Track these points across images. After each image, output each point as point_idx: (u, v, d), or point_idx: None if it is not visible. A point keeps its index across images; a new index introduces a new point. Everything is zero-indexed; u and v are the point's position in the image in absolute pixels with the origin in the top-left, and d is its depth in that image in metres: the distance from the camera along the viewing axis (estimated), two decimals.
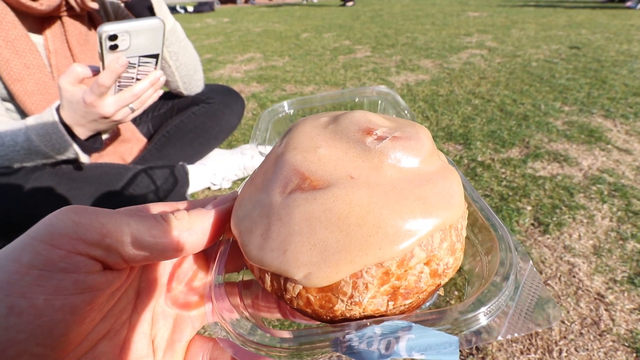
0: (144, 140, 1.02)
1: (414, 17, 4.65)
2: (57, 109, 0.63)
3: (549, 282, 0.77)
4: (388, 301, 0.15)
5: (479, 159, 1.24)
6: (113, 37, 0.51)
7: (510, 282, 0.16)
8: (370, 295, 0.15)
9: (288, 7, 7.13)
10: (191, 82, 0.97)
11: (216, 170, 1.04)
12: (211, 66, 2.74)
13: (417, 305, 0.17)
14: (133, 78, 0.59)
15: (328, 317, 0.16)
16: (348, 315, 0.15)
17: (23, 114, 0.79)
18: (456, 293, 0.74)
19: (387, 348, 0.13)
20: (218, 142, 1.10)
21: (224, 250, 0.19)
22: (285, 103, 0.42)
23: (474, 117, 1.58)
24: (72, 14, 0.77)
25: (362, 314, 0.15)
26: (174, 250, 0.17)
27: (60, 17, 0.77)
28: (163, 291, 0.20)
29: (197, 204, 0.21)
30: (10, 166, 0.70)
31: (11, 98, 0.75)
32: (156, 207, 0.20)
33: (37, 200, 0.71)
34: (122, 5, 0.81)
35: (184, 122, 1.01)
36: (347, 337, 0.14)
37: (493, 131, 1.43)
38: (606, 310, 0.70)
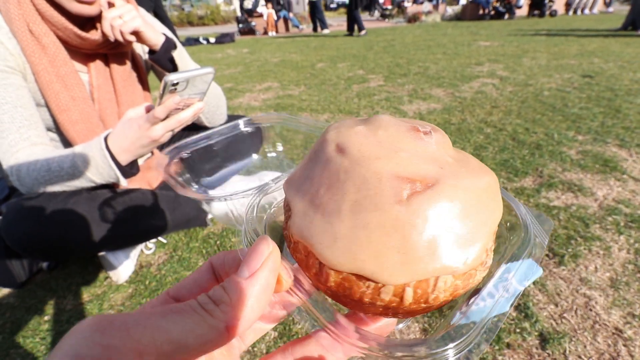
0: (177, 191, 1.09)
1: (426, 47, 4.79)
2: (105, 139, 0.70)
3: (564, 315, 0.76)
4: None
5: None
6: (175, 84, 0.60)
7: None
8: (492, 256, 0.18)
9: (304, 38, 7.46)
10: (214, 116, 1.05)
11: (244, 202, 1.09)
12: (231, 95, 2.88)
13: None
14: (180, 108, 0.67)
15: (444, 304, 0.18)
16: (477, 282, 0.18)
17: (65, 144, 0.87)
18: None
19: (506, 291, 0.17)
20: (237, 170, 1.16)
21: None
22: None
23: (486, 146, 1.60)
24: (117, 52, 0.86)
25: (484, 275, 0.18)
26: (222, 342, 0.15)
27: (106, 56, 0.86)
28: None
29: (225, 258, 0.20)
30: (52, 191, 0.76)
31: (56, 128, 0.83)
32: (184, 288, 0.18)
33: (74, 224, 0.77)
34: (146, 56, 0.90)
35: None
36: (471, 302, 0.17)
37: (506, 160, 1.45)
38: (625, 345, 0.69)
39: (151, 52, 0.85)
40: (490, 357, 0.68)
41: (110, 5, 0.76)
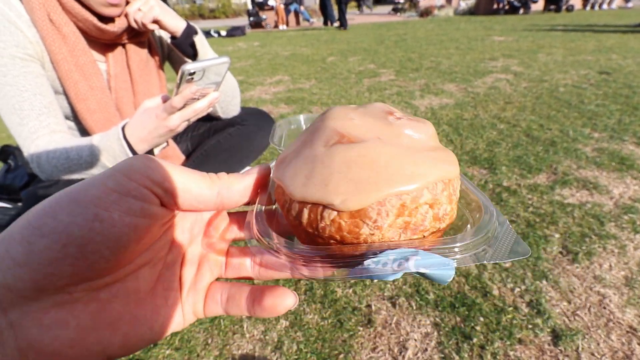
0: (182, 157, 1.10)
1: (438, 41, 4.72)
2: (122, 128, 0.71)
3: (577, 312, 0.76)
4: (401, 233, 0.20)
5: (505, 184, 1.24)
6: (192, 73, 0.60)
7: (493, 221, 0.21)
8: (389, 222, 0.19)
9: (315, 32, 7.42)
10: (229, 107, 1.05)
11: None
12: (242, 88, 2.89)
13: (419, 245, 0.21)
14: (196, 97, 0.68)
15: (356, 245, 0.20)
16: (369, 240, 0.20)
17: (83, 132, 0.88)
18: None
19: (398, 266, 0.18)
20: (250, 160, 1.16)
21: (260, 209, 0.24)
22: (301, 117, 0.50)
23: (499, 142, 1.58)
24: (135, 41, 0.87)
25: (381, 239, 0.19)
26: (213, 203, 0.21)
27: (123, 45, 0.87)
28: (193, 241, 0.24)
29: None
30: (69, 178, 0.78)
31: (74, 116, 0.85)
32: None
33: None
34: (169, 41, 0.91)
35: (220, 142, 1.08)
36: (366, 262, 0.18)
37: (519, 156, 1.43)
38: (639, 344, 0.68)
39: (172, 37, 0.86)
40: (502, 353, 0.68)
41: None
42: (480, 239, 0.19)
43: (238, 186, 0.22)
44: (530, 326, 0.73)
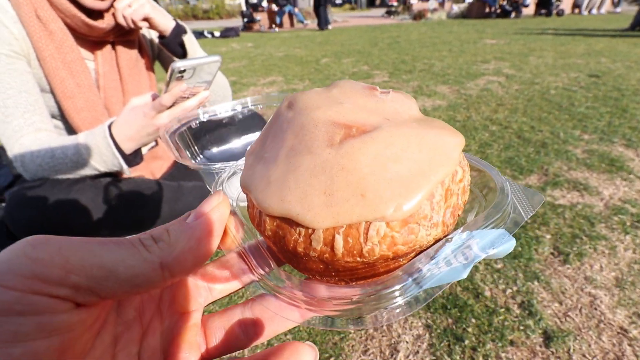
0: (173, 157, 1.08)
1: (431, 44, 4.75)
2: (109, 127, 0.69)
3: (569, 313, 0.76)
4: (450, 217, 0.17)
5: None
6: (182, 71, 0.59)
7: (508, 187, 0.20)
8: (442, 213, 0.16)
9: (309, 33, 7.42)
10: None
11: (238, 185, 1.09)
12: (235, 88, 2.87)
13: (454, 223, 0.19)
14: (185, 96, 0.67)
15: (406, 254, 0.16)
16: (425, 243, 0.16)
17: (70, 131, 0.86)
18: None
19: (466, 258, 0.15)
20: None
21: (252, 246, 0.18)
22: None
23: (491, 143, 1.59)
24: (124, 39, 0.86)
25: (437, 236, 0.16)
26: (157, 281, 0.15)
27: (113, 44, 0.85)
28: (151, 326, 0.18)
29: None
30: (55, 178, 0.76)
31: (61, 115, 0.83)
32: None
33: (78, 211, 0.77)
34: (157, 40, 0.89)
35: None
36: (425, 268, 0.15)
37: (511, 157, 1.44)
38: (630, 345, 0.68)
39: (161, 37, 0.84)
40: (494, 354, 0.68)
41: None
42: (508, 205, 0.18)
43: (187, 244, 0.16)
44: (522, 327, 0.73)
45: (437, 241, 0.17)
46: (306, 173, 0.16)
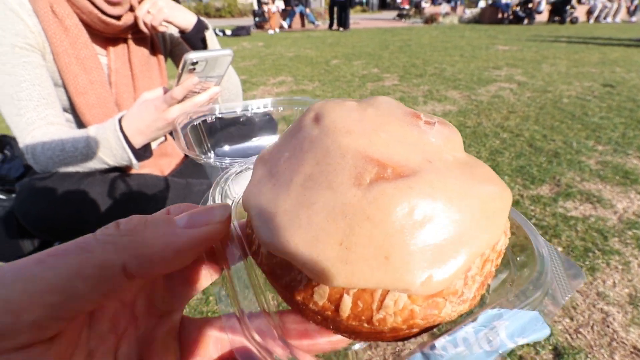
0: (181, 155, 1.08)
1: (443, 48, 4.72)
2: (119, 120, 0.69)
3: (580, 329, 0.74)
4: (480, 288, 0.14)
5: None
6: (194, 63, 0.59)
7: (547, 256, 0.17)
8: (475, 288, 0.14)
9: (320, 34, 7.42)
10: None
11: (245, 184, 1.09)
12: (245, 87, 2.88)
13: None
14: (196, 91, 0.67)
15: (420, 330, 0.14)
16: (447, 320, 0.14)
17: (80, 125, 0.86)
18: None
19: (490, 343, 0.12)
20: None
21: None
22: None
23: (502, 151, 1.57)
24: (138, 36, 0.86)
25: (462, 312, 0.14)
26: (126, 285, 0.13)
27: (125, 40, 0.85)
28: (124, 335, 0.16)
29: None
30: (65, 171, 0.76)
31: (72, 110, 0.83)
32: None
33: (86, 205, 0.77)
34: (178, 35, 0.89)
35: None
36: (438, 343, 0.13)
37: (522, 166, 1.42)
38: None
39: (182, 32, 0.85)
40: None
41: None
42: (548, 282, 0.15)
43: (159, 249, 0.13)
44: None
45: (459, 316, 0.14)
46: (322, 213, 0.13)
